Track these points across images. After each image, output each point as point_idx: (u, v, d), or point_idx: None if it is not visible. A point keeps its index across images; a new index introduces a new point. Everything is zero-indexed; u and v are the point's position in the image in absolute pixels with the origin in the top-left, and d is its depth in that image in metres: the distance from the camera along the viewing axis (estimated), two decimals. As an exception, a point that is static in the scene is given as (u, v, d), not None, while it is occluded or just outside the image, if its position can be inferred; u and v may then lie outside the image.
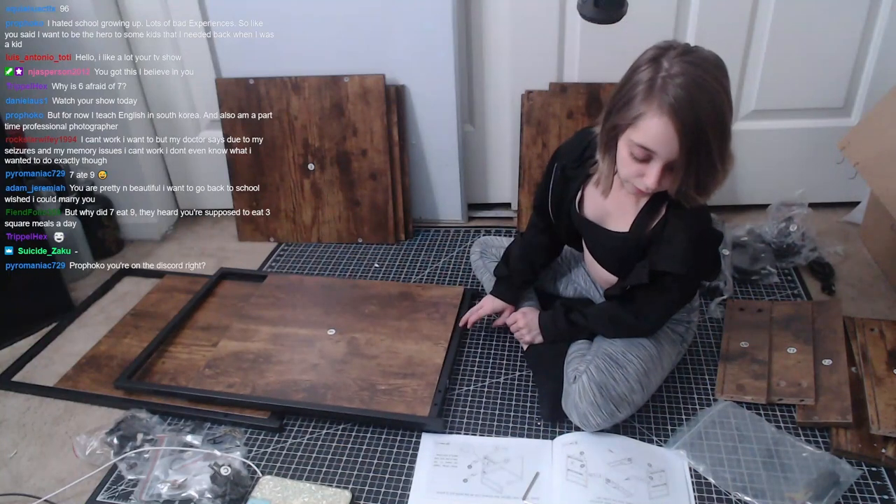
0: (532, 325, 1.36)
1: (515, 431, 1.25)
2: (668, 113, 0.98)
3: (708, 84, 0.97)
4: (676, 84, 0.97)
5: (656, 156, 1.02)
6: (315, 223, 1.90)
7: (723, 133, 1.00)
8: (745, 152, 1.82)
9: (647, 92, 1.00)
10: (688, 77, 0.97)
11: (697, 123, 0.97)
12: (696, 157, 1.00)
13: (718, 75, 1.00)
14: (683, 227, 1.11)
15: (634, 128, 1.02)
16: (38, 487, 1.22)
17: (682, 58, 0.99)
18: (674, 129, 0.98)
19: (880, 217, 1.63)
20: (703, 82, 0.97)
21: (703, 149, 0.99)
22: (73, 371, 1.47)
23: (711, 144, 0.99)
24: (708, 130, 0.98)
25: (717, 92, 0.98)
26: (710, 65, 1.00)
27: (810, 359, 1.32)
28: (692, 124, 0.97)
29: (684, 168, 1.01)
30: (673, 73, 0.98)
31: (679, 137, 0.98)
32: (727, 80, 1.01)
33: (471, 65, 1.80)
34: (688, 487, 1.13)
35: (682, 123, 0.97)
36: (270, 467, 1.21)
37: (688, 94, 0.96)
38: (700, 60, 0.99)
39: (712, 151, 1.00)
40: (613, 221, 1.21)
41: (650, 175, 1.04)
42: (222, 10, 1.75)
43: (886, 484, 1.11)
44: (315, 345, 1.47)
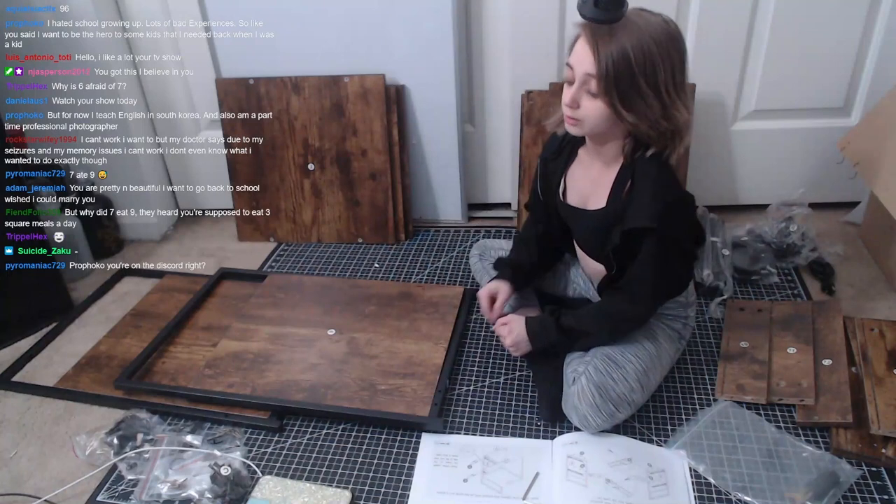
0: (518, 334, 1.27)
1: (515, 431, 1.25)
2: (588, 32, 1.05)
3: (639, 24, 1.03)
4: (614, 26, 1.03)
5: (575, 73, 1.08)
6: (315, 223, 1.90)
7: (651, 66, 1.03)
8: (745, 152, 1.83)
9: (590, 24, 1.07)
10: (629, 23, 1.03)
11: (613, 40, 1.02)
12: (612, 69, 1.03)
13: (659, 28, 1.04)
14: (648, 184, 1.12)
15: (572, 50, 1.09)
16: (38, 487, 1.22)
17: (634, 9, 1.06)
18: (588, 44, 1.04)
19: (880, 217, 1.63)
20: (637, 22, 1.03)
21: (622, 64, 1.02)
22: (73, 371, 1.47)
23: (635, 69, 1.02)
24: (630, 57, 1.02)
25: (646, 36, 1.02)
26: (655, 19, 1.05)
27: (810, 359, 1.32)
28: (606, 40, 1.02)
29: (601, 78, 1.04)
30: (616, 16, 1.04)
31: (592, 51, 1.04)
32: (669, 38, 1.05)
33: (471, 65, 1.80)
34: (688, 487, 1.13)
35: (596, 39, 1.03)
36: (270, 467, 1.21)
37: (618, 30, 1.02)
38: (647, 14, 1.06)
39: (636, 75, 1.03)
40: (593, 201, 1.22)
41: (568, 93, 1.09)
42: (222, 10, 1.75)
43: (886, 484, 1.11)
44: (315, 345, 1.47)
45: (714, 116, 1.76)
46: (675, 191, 1.17)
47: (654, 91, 1.05)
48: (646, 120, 1.07)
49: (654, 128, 1.08)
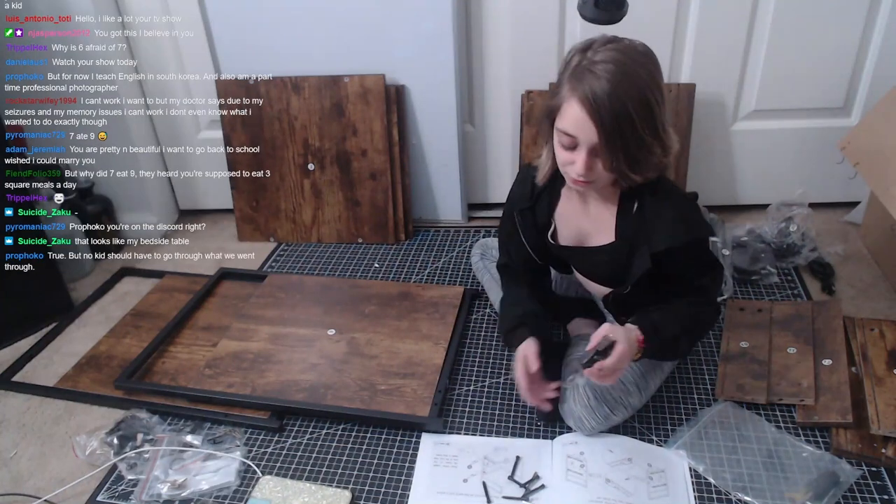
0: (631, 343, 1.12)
1: (515, 431, 1.25)
2: (581, 99, 1.00)
3: (628, 68, 0.99)
4: (595, 70, 0.99)
5: (580, 142, 1.03)
6: (315, 223, 1.90)
7: (648, 114, 1.00)
8: (745, 152, 1.83)
9: (570, 79, 1.02)
10: (608, 63, 0.99)
11: (614, 108, 0.98)
12: (619, 139, 1.00)
13: (642, 61, 1.01)
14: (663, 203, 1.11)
15: (560, 115, 1.04)
16: (38, 487, 1.22)
17: (606, 46, 1.02)
18: (587, 115, 1.00)
19: (880, 217, 1.63)
20: (623, 67, 0.99)
21: (626, 130, 1.00)
22: (73, 371, 1.47)
23: (636, 125, 1.00)
24: (630, 112, 0.99)
25: (637, 76, 0.99)
26: (634, 52, 1.02)
27: (810, 359, 1.32)
28: (608, 109, 0.98)
29: (608, 151, 1.02)
30: (595, 59, 1.00)
31: (595, 122, 1.00)
32: (653, 65, 1.03)
33: (471, 65, 1.80)
34: (688, 487, 1.13)
35: (596, 109, 0.99)
36: (270, 467, 1.21)
37: (605, 80, 0.98)
38: (624, 48, 1.02)
39: (638, 132, 1.00)
40: (594, 237, 1.20)
41: (578, 162, 1.05)
42: (222, 10, 1.75)
43: (886, 484, 1.11)
44: (315, 345, 1.47)
45: (714, 116, 1.76)
46: (687, 200, 1.17)
47: (655, 138, 1.03)
48: (652, 168, 1.07)
49: (656, 169, 1.08)
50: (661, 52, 1.69)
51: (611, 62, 0.99)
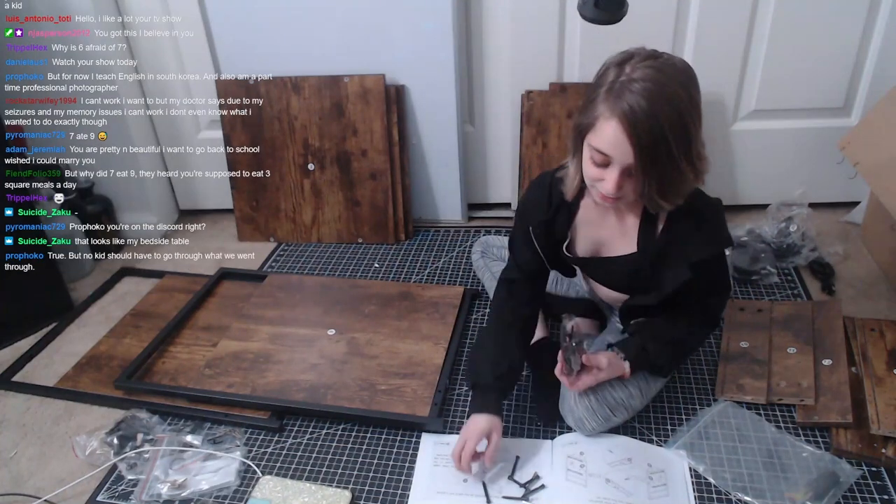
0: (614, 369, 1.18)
1: (515, 431, 1.25)
2: (620, 118, 0.96)
3: (668, 89, 0.95)
4: (634, 89, 0.95)
5: (613, 161, 1.00)
6: (315, 223, 1.90)
7: (685, 137, 0.97)
8: (745, 152, 1.83)
9: (606, 95, 0.98)
10: (647, 82, 0.95)
11: (653, 129, 0.95)
12: (653, 163, 0.97)
13: (683, 80, 0.98)
14: (697, 213, 1.09)
15: (593, 131, 1.00)
16: (38, 487, 1.22)
17: (645, 62, 0.97)
18: (625, 135, 0.96)
19: (880, 217, 1.63)
20: (663, 87, 0.95)
21: (662, 154, 0.97)
22: (73, 371, 1.47)
23: (672, 149, 0.96)
24: (667, 135, 0.95)
25: (677, 97, 0.95)
26: (674, 70, 0.98)
27: (810, 359, 1.32)
28: (647, 130, 0.95)
29: (642, 173, 0.99)
30: (633, 77, 0.96)
31: (632, 143, 0.96)
32: (693, 86, 1.00)
33: (471, 65, 1.80)
34: (688, 487, 1.13)
35: (634, 129, 0.95)
36: (270, 467, 1.21)
37: (643, 99, 0.94)
38: (664, 65, 0.97)
39: (674, 156, 0.97)
40: (614, 247, 1.19)
41: (609, 180, 1.01)
42: (222, 10, 1.75)
43: (886, 484, 1.11)
44: (315, 345, 1.47)
45: (714, 116, 1.76)
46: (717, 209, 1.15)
47: (689, 163, 1.00)
48: (682, 196, 1.04)
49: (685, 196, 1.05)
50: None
51: (649, 81, 0.95)
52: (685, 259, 1.10)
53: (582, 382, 1.15)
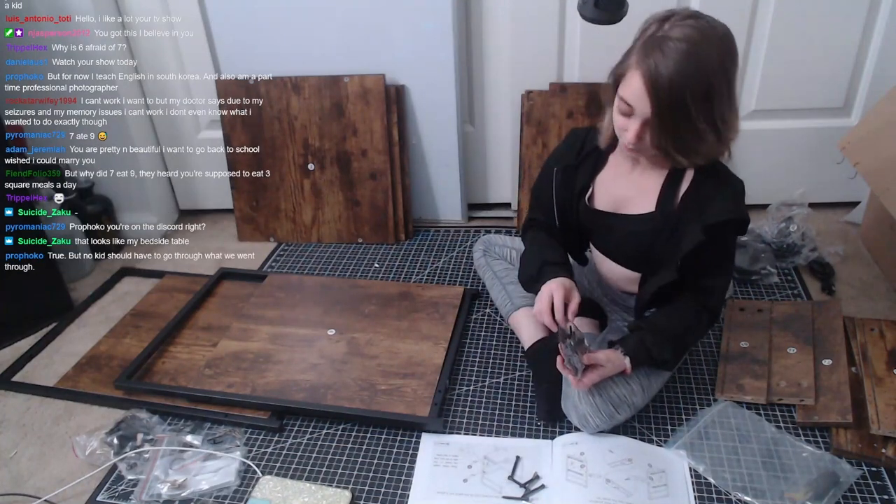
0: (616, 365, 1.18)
1: (515, 431, 1.25)
2: (643, 73, 1.00)
3: (700, 51, 0.98)
4: (666, 47, 0.99)
5: (636, 112, 1.05)
6: (315, 223, 1.90)
7: (707, 102, 1.00)
8: (745, 152, 1.82)
9: (641, 47, 1.02)
10: (681, 42, 0.98)
11: (672, 90, 0.98)
12: (670, 120, 1.01)
13: (718, 46, 1.00)
14: (720, 181, 1.11)
15: (623, 82, 1.05)
16: (38, 487, 1.22)
17: (686, 21, 1.01)
18: (645, 88, 1.00)
19: (880, 217, 1.63)
20: (695, 49, 0.98)
21: (680, 115, 1.00)
22: (73, 371, 1.47)
23: (692, 111, 1.00)
24: (686, 97, 0.99)
25: (707, 61, 0.99)
26: (713, 34, 1.00)
27: (810, 359, 1.32)
28: (666, 90, 0.98)
29: (658, 128, 1.03)
30: (670, 34, 1.00)
31: (651, 98, 1.00)
32: (727, 54, 1.02)
33: (471, 65, 1.80)
34: (688, 487, 1.13)
35: (654, 86, 0.99)
36: (270, 467, 1.21)
37: (671, 59, 0.98)
38: (704, 28, 1.00)
39: (692, 118, 1.00)
40: (634, 205, 1.20)
41: (631, 130, 1.06)
42: (222, 10, 1.75)
43: (886, 484, 1.11)
44: (315, 345, 1.47)
45: (714, 116, 1.76)
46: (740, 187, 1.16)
47: (710, 126, 1.03)
48: (701, 155, 1.07)
49: (708, 157, 1.08)
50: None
51: (684, 41, 0.98)
52: (702, 221, 1.10)
53: (588, 379, 1.15)
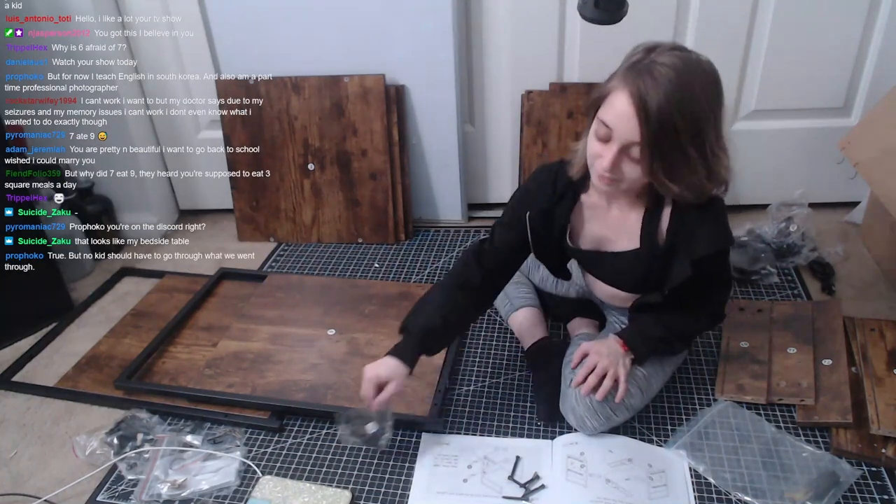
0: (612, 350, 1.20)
1: (515, 431, 1.25)
2: (632, 92, 0.97)
3: (687, 80, 0.96)
4: (655, 71, 0.97)
5: (614, 135, 1.00)
6: (315, 223, 1.90)
7: (695, 129, 0.98)
8: (745, 152, 1.81)
9: (627, 70, 1.00)
10: (669, 68, 0.96)
11: (661, 110, 0.95)
12: (659, 143, 0.98)
13: (704, 79, 0.99)
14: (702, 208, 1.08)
15: (605, 103, 1.02)
16: (38, 487, 1.22)
17: (672, 51, 0.99)
18: (634, 109, 0.97)
19: (880, 217, 1.63)
20: (683, 78, 0.96)
21: (669, 137, 0.97)
22: (73, 371, 1.47)
23: (681, 136, 0.97)
24: (676, 120, 0.96)
25: (694, 92, 0.97)
26: (698, 67, 0.99)
27: (810, 359, 1.32)
28: (655, 111, 0.95)
29: (649, 154, 0.99)
30: (658, 60, 0.98)
31: (639, 120, 0.97)
32: (713, 88, 1.00)
33: (471, 65, 1.80)
34: (688, 487, 1.13)
35: (644, 105, 0.96)
36: (270, 467, 1.21)
37: (661, 81, 0.96)
38: (690, 60, 0.99)
39: (681, 142, 0.98)
40: (616, 242, 1.18)
41: (606, 156, 1.02)
42: (222, 10, 1.75)
43: (886, 484, 1.11)
44: (315, 345, 1.47)
45: (714, 116, 1.76)
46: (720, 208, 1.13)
47: (700, 154, 1.00)
48: (691, 188, 1.03)
49: (696, 192, 1.04)
50: (661, 52, 1.70)
51: (672, 68, 0.96)
52: (688, 255, 1.10)
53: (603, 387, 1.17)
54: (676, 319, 1.20)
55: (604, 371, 1.18)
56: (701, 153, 1.00)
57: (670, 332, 1.20)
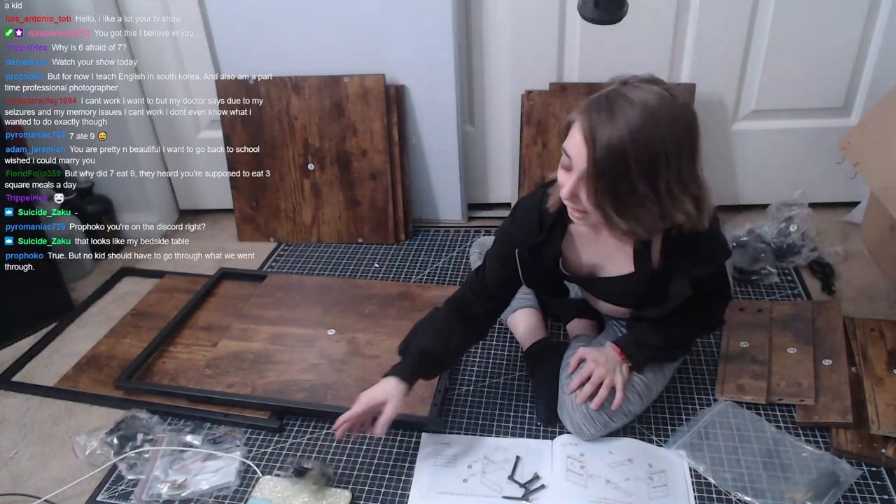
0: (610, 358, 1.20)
1: (515, 431, 1.25)
2: (583, 126, 0.95)
3: (648, 118, 0.92)
4: (615, 103, 0.94)
5: (573, 165, 0.99)
6: (315, 223, 1.90)
7: (652, 168, 0.94)
8: (745, 152, 1.83)
9: (590, 101, 0.97)
10: (634, 105, 0.93)
11: (610, 146, 0.92)
12: (606, 178, 0.95)
13: (670, 119, 0.94)
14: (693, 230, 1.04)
15: (569, 134, 1.00)
16: (38, 487, 1.22)
17: (647, 84, 0.96)
18: (583, 142, 0.95)
19: (880, 217, 1.63)
20: (644, 114, 0.92)
21: (619, 172, 0.94)
22: (73, 371, 1.47)
23: (632, 171, 0.93)
24: (629, 157, 0.92)
25: (653, 130, 0.92)
26: (668, 105, 0.94)
27: (810, 359, 1.32)
28: (605, 144, 0.93)
29: (594, 185, 0.96)
30: (624, 93, 0.95)
31: (588, 151, 0.95)
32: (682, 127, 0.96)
33: (471, 65, 1.80)
34: (688, 488, 1.13)
35: (593, 138, 0.94)
36: (270, 467, 1.21)
37: (618, 116, 0.93)
38: (662, 98, 0.94)
39: (632, 178, 0.94)
40: (610, 267, 1.18)
41: (566, 185, 1.00)
42: (222, 10, 1.75)
43: (886, 484, 1.11)
44: (315, 345, 1.47)
45: (714, 116, 1.76)
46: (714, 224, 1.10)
47: (653, 192, 0.96)
48: (640, 225, 1.00)
49: (648, 230, 1.03)
50: (661, 52, 1.71)
51: (638, 105, 0.93)
52: (685, 274, 1.10)
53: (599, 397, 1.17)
54: (675, 328, 1.19)
55: (600, 379, 1.18)
56: (654, 191, 0.96)
57: (669, 341, 1.20)
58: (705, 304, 1.19)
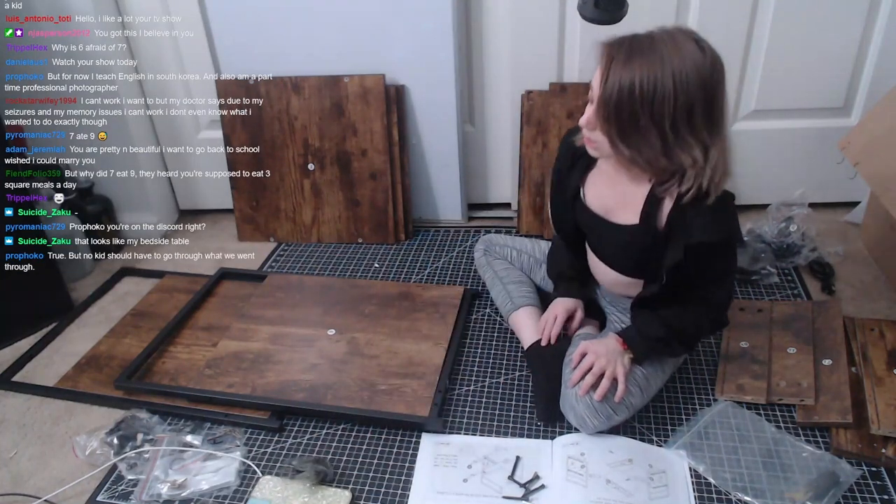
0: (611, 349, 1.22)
1: (515, 431, 1.25)
2: (605, 59, 1.02)
3: (666, 58, 0.99)
4: (637, 41, 1.01)
5: (593, 95, 1.06)
6: (315, 223, 1.90)
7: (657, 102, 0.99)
8: (745, 152, 1.83)
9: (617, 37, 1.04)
10: (656, 41, 1.00)
11: (621, 76, 1.00)
12: (613, 102, 1.02)
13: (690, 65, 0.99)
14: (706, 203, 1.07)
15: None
16: (38, 487, 1.22)
17: (678, 31, 1.03)
18: (599, 73, 1.04)
19: (880, 217, 1.63)
20: (667, 51, 0.99)
21: (624, 98, 1.00)
22: (73, 371, 1.47)
23: (636, 101, 1.00)
24: (635, 86, 0.99)
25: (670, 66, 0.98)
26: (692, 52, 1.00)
27: (810, 359, 1.32)
28: (617, 74, 1.00)
29: (602, 108, 1.04)
30: (652, 34, 1.02)
31: (601, 75, 1.03)
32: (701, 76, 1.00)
33: (471, 65, 1.80)
34: (688, 488, 1.13)
35: (608, 67, 1.01)
36: (270, 467, 1.21)
37: (635, 51, 1.00)
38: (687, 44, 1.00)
39: (635, 107, 1.00)
40: (619, 214, 1.20)
41: (585, 114, 1.09)
42: (222, 10, 1.75)
43: (886, 484, 1.11)
44: (315, 345, 1.47)
45: (714, 116, 1.76)
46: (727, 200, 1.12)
47: (657, 127, 1.02)
48: (642, 156, 1.06)
49: (651, 164, 1.07)
50: (661, 52, 1.70)
51: (659, 42, 1.00)
52: (685, 236, 1.10)
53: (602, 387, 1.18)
54: (676, 318, 1.19)
55: (601, 370, 1.18)
56: (659, 128, 1.02)
57: (670, 332, 1.20)
58: (705, 293, 1.18)
